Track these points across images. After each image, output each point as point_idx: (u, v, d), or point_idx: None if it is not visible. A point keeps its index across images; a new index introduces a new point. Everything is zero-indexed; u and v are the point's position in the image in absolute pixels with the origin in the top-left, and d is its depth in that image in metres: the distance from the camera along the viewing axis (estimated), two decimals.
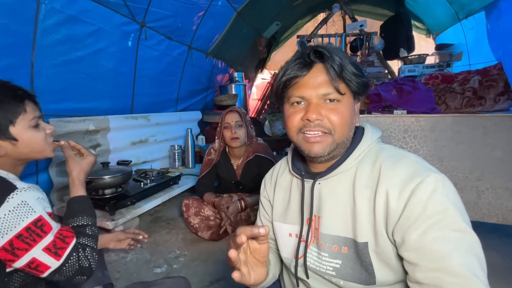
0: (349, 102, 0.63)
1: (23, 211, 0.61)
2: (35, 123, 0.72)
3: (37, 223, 0.62)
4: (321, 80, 0.60)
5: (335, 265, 0.65)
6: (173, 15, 2.30)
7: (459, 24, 3.16)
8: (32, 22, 1.44)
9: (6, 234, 0.58)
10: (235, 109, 1.67)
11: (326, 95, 0.60)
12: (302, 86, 0.62)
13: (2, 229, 0.58)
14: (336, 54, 0.60)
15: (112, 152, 2.10)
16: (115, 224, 1.59)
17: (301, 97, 0.62)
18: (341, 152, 0.66)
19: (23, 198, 0.62)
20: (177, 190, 2.13)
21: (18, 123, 0.69)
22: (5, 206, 0.59)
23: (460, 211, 0.52)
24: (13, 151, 0.69)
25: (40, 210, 0.64)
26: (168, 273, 1.38)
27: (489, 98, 1.96)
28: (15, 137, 0.69)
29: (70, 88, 1.78)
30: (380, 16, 4.40)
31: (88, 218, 0.77)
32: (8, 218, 0.59)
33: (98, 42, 1.85)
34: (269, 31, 4.25)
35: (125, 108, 2.35)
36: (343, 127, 0.61)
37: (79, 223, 0.75)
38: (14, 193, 0.61)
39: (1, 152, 0.68)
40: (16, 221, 0.60)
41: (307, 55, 0.61)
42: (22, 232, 0.60)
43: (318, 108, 0.60)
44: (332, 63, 0.59)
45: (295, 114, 0.64)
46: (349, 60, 0.61)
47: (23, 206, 0.61)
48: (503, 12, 2.19)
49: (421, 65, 3.30)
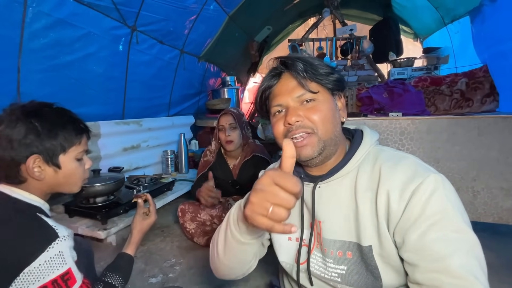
0: (326, 99, 0.64)
1: (57, 263, 0.59)
2: (81, 156, 0.73)
3: (64, 276, 0.60)
4: (291, 85, 0.63)
5: (340, 271, 0.64)
6: (164, 19, 2.28)
7: (445, 28, 3.26)
8: (18, 26, 1.39)
9: (33, 284, 0.56)
10: (229, 112, 1.66)
11: (300, 96, 0.63)
12: (277, 95, 0.66)
13: (31, 278, 0.56)
14: (299, 59, 0.64)
15: (103, 158, 2.04)
16: (107, 234, 1.53)
17: (279, 105, 0.65)
18: (333, 151, 0.65)
19: (61, 248, 0.60)
20: (171, 197, 2.09)
21: (69, 153, 0.70)
22: (43, 256, 0.57)
23: (460, 211, 0.52)
24: (52, 178, 0.69)
25: (71, 261, 0.63)
26: (164, 283, 1.34)
27: (476, 99, 2.02)
28: (60, 165, 0.69)
29: (59, 94, 1.72)
30: (369, 21, 4.50)
31: (122, 280, 0.80)
32: (41, 269, 0.57)
33: (88, 46, 1.81)
34: (260, 35, 4.28)
35: (116, 114, 2.30)
36: (324, 123, 0.62)
37: (112, 281, 0.77)
38: (55, 242, 0.59)
39: (42, 176, 0.66)
40: (47, 272, 0.58)
41: (275, 67, 0.67)
42: (48, 284, 0.58)
43: (296, 110, 0.62)
44: (295, 69, 0.62)
45: (278, 122, 0.66)
46: (316, 62, 0.64)
47: (59, 257, 0.60)
48: (487, 16, 2.27)
49: (409, 68, 3.39)
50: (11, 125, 0.63)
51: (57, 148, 0.67)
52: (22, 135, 0.63)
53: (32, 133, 0.64)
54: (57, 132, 0.67)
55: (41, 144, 0.65)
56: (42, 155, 0.66)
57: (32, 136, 0.64)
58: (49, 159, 0.67)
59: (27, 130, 0.63)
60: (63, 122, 0.69)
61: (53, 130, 0.66)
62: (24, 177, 0.66)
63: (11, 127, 0.63)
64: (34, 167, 0.65)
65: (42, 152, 0.65)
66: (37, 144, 0.64)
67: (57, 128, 0.67)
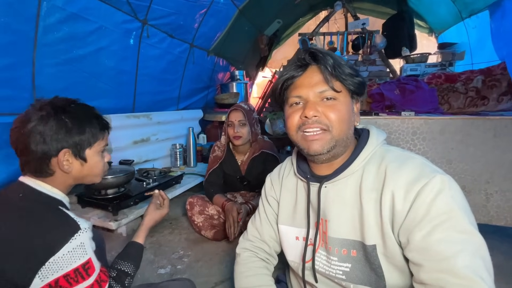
0: (346, 101, 0.64)
1: (79, 253, 0.62)
2: (103, 150, 0.78)
3: (85, 265, 0.63)
4: (316, 79, 0.63)
5: (345, 269, 0.65)
6: (175, 12, 2.28)
7: (462, 23, 3.14)
8: (33, 20, 1.42)
9: (57, 272, 0.59)
10: (239, 108, 1.65)
11: (322, 92, 0.62)
12: (298, 86, 0.65)
13: (55, 267, 0.59)
14: (330, 55, 0.63)
15: (114, 151, 2.08)
16: (118, 225, 1.58)
17: (299, 96, 0.65)
18: (341, 152, 0.66)
19: (82, 240, 0.63)
20: (180, 190, 2.12)
21: (94, 147, 0.74)
22: (66, 247, 0.60)
23: (466, 212, 0.52)
24: (78, 171, 0.73)
25: (91, 252, 0.65)
26: (172, 274, 1.38)
27: (492, 98, 1.96)
28: (86, 158, 0.73)
29: (72, 87, 1.76)
30: (382, 15, 4.37)
31: (134, 268, 0.82)
32: (65, 258, 0.60)
33: (100, 40, 1.83)
34: (270, 29, 4.22)
35: (127, 107, 2.34)
36: (340, 123, 0.62)
37: (124, 268, 0.80)
38: (77, 234, 0.62)
39: (70, 169, 0.70)
40: (70, 261, 0.60)
41: (302, 57, 0.65)
42: (70, 272, 0.61)
43: (315, 105, 0.62)
44: (325, 63, 0.62)
45: (294, 114, 0.65)
46: (343, 62, 0.63)
47: (80, 248, 0.62)
48: (507, 11, 2.17)
49: (423, 64, 3.28)
50: (43, 121, 0.65)
51: (84, 142, 0.71)
52: (54, 131, 0.66)
53: (63, 128, 0.67)
54: (85, 127, 0.71)
55: (71, 139, 0.69)
56: (71, 149, 0.69)
57: (63, 131, 0.67)
58: (77, 152, 0.71)
59: (59, 125, 0.67)
60: (90, 118, 0.73)
61: (81, 126, 0.70)
62: (53, 170, 0.69)
63: (43, 123, 0.65)
64: (63, 161, 0.68)
65: (72, 146, 0.69)
66: (67, 139, 0.68)
67: (85, 124, 0.71)
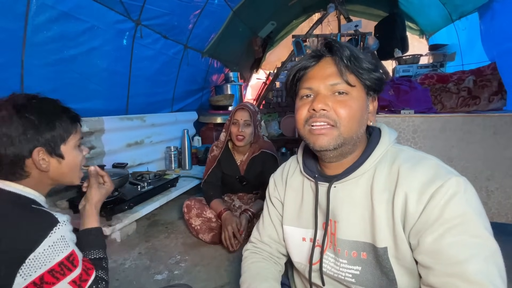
0: (360, 96, 0.61)
1: (61, 246, 0.60)
2: (79, 144, 0.74)
3: (69, 257, 0.62)
4: (329, 71, 0.60)
5: (355, 272, 0.63)
6: (169, 13, 2.25)
7: (452, 25, 3.22)
8: (22, 19, 1.37)
9: (40, 268, 0.57)
10: (246, 108, 1.62)
11: (334, 85, 0.59)
12: (310, 77, 0.62)
13: (37, 264, 0.56)
14: (347, 47, 0.60)
15: (107, 154, 2.03)
16: (112, 230, 1.53)
17: (310, 88, 0.62)
18: (351, 150, 0.63)
19: (62, 232, 0.61)
20: (175, 193, 2.08)
21: (69, 142, 0.70)
22: (46, 241, 0.58)
23: (481, 217, 0.50)
24: (55, 169, 0.69)
25: (72, 244, 0.64)
26: (169, 280, 1.34)
27: (484, 97, 1.99)
28: (63, 155, 0.69)
29: (62, 88, 1.71)
30: (374, 17, 4.44)
31: (102, 251, 0.78)
32: (46, 253, 0.58)
33: (92, 40, 1.79)
34: (264, 31, 4.24)
35: (120, 109, 2.29)
36: (349, 120, 0.59)
37: (95, 256, 0.76)
38: (56, 227, 0.60)
39: (47, 168, 0.67)
40: (53, 256, 0.58)
41: (317, 49, 0.62)
42: (55, 267, 0.59)
43: (325, 99, 0.59)
44: (341, 54, 0.58)
45: (303, 107, 0.63)
46: (361, 55, 0.60)
47: (61, 241, 0.60)
48: (497, 13, 2.23)
49: (415, 65, 3.34)
50: (6, 122, 0.61)
51: (57, 138, 0.67)
52: (21, 131, 0.62)
53: (30, 127, 0.63)
54: (54, 122, 0.67)
55: (41, 136, 0.65)
56: (45, 147, 0.66)
57: (31, 130, 0.63)
58: (51, 150, 0.67)
59: (25, 125, 0.62)
60: (57, 113, 0.68)
61: (50, 121, 0.66)
62: (28, 172, 0.65)
63: (6, 124, 0.61)
64: (39, 160, 0.65)
65: (44, 144, 0.65)
66: (37, 137, 0.64)
67: (53, 118, 0.67)
